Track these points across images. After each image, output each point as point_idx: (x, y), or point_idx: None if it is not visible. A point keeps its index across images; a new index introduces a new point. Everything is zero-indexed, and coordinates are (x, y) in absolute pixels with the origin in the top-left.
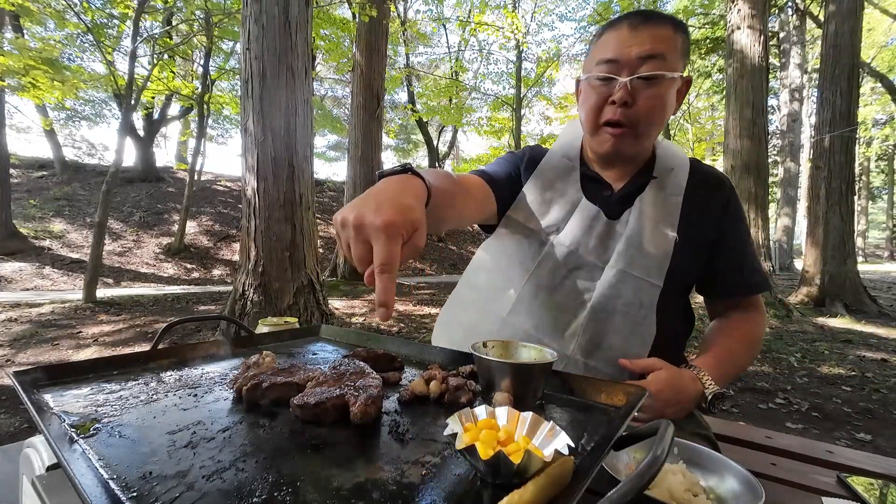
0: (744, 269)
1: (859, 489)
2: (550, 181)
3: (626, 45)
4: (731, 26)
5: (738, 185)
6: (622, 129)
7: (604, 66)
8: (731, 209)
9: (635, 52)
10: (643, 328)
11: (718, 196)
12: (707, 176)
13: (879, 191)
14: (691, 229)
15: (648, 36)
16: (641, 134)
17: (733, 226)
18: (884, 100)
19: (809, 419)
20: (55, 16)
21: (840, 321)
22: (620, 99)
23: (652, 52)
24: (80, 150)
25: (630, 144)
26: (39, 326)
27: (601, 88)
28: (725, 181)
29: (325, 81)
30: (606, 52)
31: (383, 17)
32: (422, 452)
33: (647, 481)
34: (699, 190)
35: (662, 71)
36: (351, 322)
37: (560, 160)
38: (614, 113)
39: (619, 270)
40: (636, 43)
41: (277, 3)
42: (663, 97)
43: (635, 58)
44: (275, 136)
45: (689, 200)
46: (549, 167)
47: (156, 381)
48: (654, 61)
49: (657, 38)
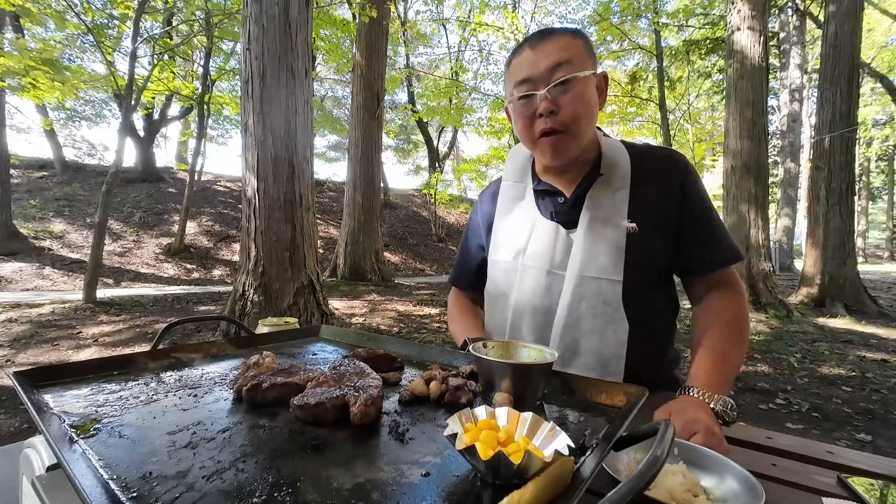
0: (710, 243)
1: (860, 490)
2: (509, 209)
3: (533, 63)
4: (731, 27)
5: (739, 185)
6: (557, 136)
7: (521, 87)
8: (688, 186)
9: (543, 65)
10: (614, 325)
11: (673, 176)
12: (657, 158)
13: (879, 191)
14: (650, 215)
15: (551, 48)
16: (575, 134)
17: (693, 203)
18: (884, 100)
19: (810, 419)
20: (55, 16)
21: (840, 321)
22: (545, 109)
23: (558, 60)
24: (81, 150)
25: (568, 146)
26: (39, 327)
27: (525, 107)
28: (678, 159)
29: (325, 82)
30: (519, 74)
31: (383, 18)
32: (422, 452)
33: (647, 482)
34: (651, 175)
35: (573, 73)
36: (351, 322)
37: (512, 185)
38: (544, 124)
39: (577, 274)
40: (541, 57)
41: (277, 4)
42: (583, 95)
43: (545, 70)
44: (275, 136)
45: (642, 188)
46: (505, 197)
47: (156, 381)
48: (562, 68)
49: (559, 48)
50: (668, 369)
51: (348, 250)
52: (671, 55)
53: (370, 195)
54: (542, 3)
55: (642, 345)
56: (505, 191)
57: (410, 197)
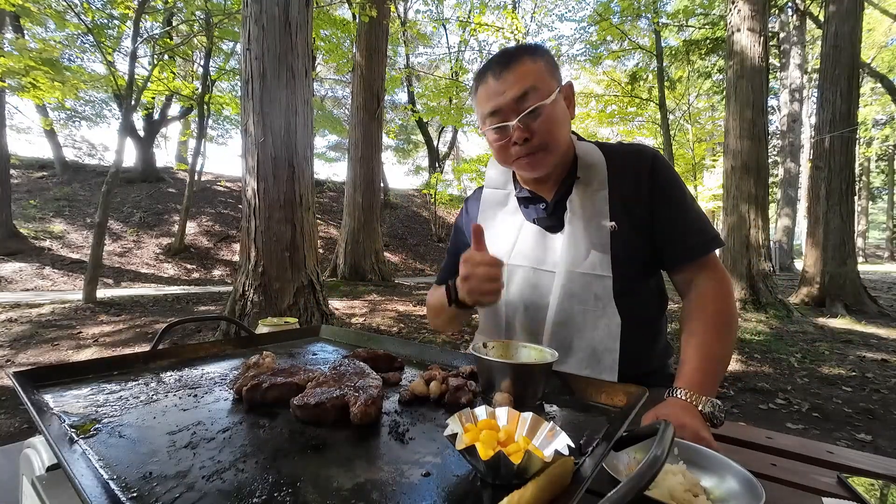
0: (683, 231)
1: (860, 490)
2: (493, 215)
3: (499, 94)
4: (731, 27)
5: (739, 185)
6: (532, 156)
7: (492, 119)
8: (657, 178)
9: (510, 95)
10: (606, 320)
11: (641, 169)
12: (626, 154)
13: (879, 191)
14: (626, 211)
15: (513, 77)
16: (551, 150)
17: (662, 192)
18: (884, 100)
19: (810, 419)
20: (55, 16)
21: (840, 321)
22: (519, 138)
23: (523, 89)
24: (81, 150)
25: (545, 160)
26: (39, 327)
27: (499, 136)
28: (645, 152)
29: (325, 82)
30: (487, 105)
31: (383, 18)
32: (422, 452)
33: (647, 482)
34: (622, 172)
35: (541, 102)
36: (351, 322)
37: (494, 193)
38: (519, 151)
39: (567, 271)
40: (506, 88)
41: (277, 4)
42: (552, 116)
43: (512, 101)
44: (275, 136)
45: (616, 186)
46: (487, 204)
47: (156, 381)
48: (529, 96)
49: (521, 76)
50: (659, 360)
51: (348, 250)
52: (671, 55)
53: (370, 195)
54: (542, 3)
55: (634, 337)
56: (487, 198)
57: (410, 197)
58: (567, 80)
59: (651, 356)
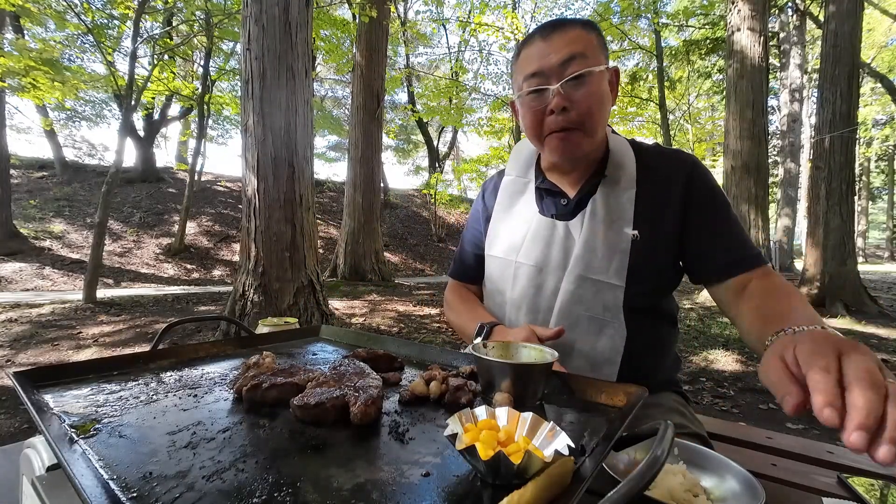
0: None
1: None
2: (510, 204)
3: (544, 56)
4: (731, 27)
5: (739, 185)
6: (567, 132)
7: (532, 81)
8: (695, 186)
9: (555, 58)
10: (611, 331)
11: (678, 178)
12: (663, 158)
13: (879, 191)
14: (651, 221)
15: (563, 41)
16: (588, 131)
17: (704, 201)
18: (884, 100)
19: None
20: (55, 17)
21: (840, 321)
22: (557, 106)
23: (571, 53)
24: (81, 150)
25: (580, 144)
26: (39, 327)
27: (536, 102)
28: (683, 158)
29: (325, 82)
30: (529, 67)
31: (383, 18)
32: (422, 453)
33: (648, 482)
34: (654, 176)
35: (588, 68)
36: (351, 322)
37: (514, 181)
38: (556, 122)
39: (578, 276)
40: (553, 50)
41: (278, 4)
42: (597, 92)
43: (557, 64)
44: (275, 136)
45: (646, 191)
46: (506, 192)
47: (156, 381)
48: (576, 62)
49: (572, 41)
50: (666, 374)
51: (348, 250)
52: (671, 55)
53: (370, 195)
54: (542, 3)
55: (641, 352)
56: (506, 185)
57: (410, 197)
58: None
59: (658, 370)
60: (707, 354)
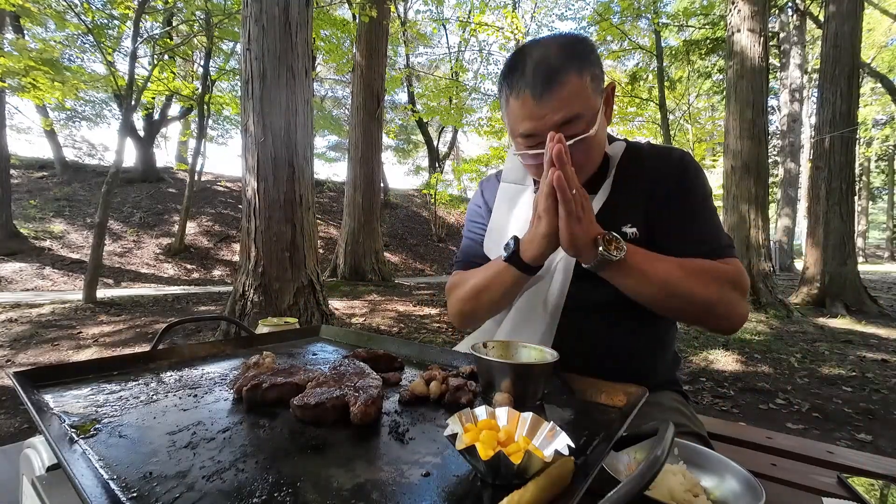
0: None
1: (860, 490)
2: (508, 209)
3: (538, 118)
4: (731, 27)
5: (739, 185)
6: None
7: (527, 141)
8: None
9: (550, 121)
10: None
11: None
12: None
13: (879, 191)
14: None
15: (558, 101)
16: (586, 171)
17: (684, 191)
18: (884, 100)
19: (810, 420)
20: (55, 17)
21: (840, 321)
22: None
23: (567, 116)
24: (81, 150)
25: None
26: (39, 327)
27: (535, 160)
28: (674, 153)
29: (325, 82)
30: (522, 124)
31: (383, 18)
32: (422, 453)
33: (648, 482)
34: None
35: (585, 132)
36: (351, 322)
37: (511, 188)
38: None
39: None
40: (549, 111)
41: (277, 4)
42: (595, 143)
43: (553, 127)
44: (275, 136)
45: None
46: (503, 198)
47: (156, 381)
48: (573, 124)
49: (566, 100)
50: (667, 371)
51: (348, 250)
52: (671, 55)
53: (370, 195)
54: (542, 3)
55: (641, 350)
56: (503, 192)
57: (410, 197)
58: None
59: (659, 366)
60: (707, 354)
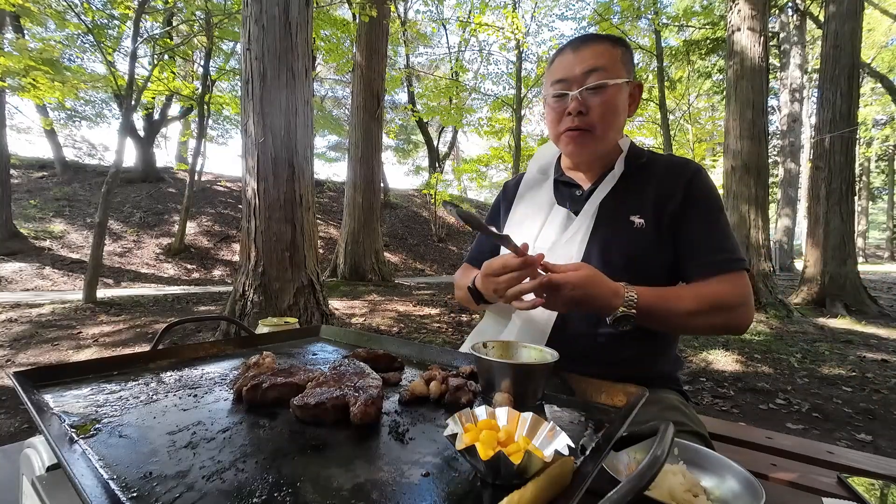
0: (712, 245)
1: (860, 490)
2: (529, 196)
3: (570, 65)
4: (731, 27)
5: (739, 184)
6: (579, 132)
7: (556, 86)
8: (694, 188)
9: (579, 69)
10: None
11: (682, 179)
12: (672, 164)
13: (879, 191)
14: (656, 213)
15: (589, 53)
16: (598, 135)
17: (697, 203)
18: (884, 100)
19: (810, 420)
20: (55, 16)
21: (840, 321)
22: (574, 109)
23: (593, 66)
24: (81, 150)
25: (588, 144)
26: (39, 327)
27: (557, 104)
28: (689, 164)
29: (325, 82)
30: (556, 74)
31: (383, 18)
32: (422, 452)
33: (648, 482)
34: (662, 176)
35: (605, 80)
36: (351, 322)
37: (535, 175)
38: (571, 122)
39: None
40: (579, 62)
41: (278, 4)
42: (612, 102)
43: (580, 74)
44: (275, 136)
45: (653, 187)
46: (526, 186)
47: (156, 381)
48: (596, 73)
49: (596, 54)
50: (669, 371)
51: (348, 250)
52: (671, 55)
53: (370, 195)
54: (542, 3)
55: (643, 349)
56: (527, 180)
57: (410, 197)
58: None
59: (661, 365)
60: (707, 354)
